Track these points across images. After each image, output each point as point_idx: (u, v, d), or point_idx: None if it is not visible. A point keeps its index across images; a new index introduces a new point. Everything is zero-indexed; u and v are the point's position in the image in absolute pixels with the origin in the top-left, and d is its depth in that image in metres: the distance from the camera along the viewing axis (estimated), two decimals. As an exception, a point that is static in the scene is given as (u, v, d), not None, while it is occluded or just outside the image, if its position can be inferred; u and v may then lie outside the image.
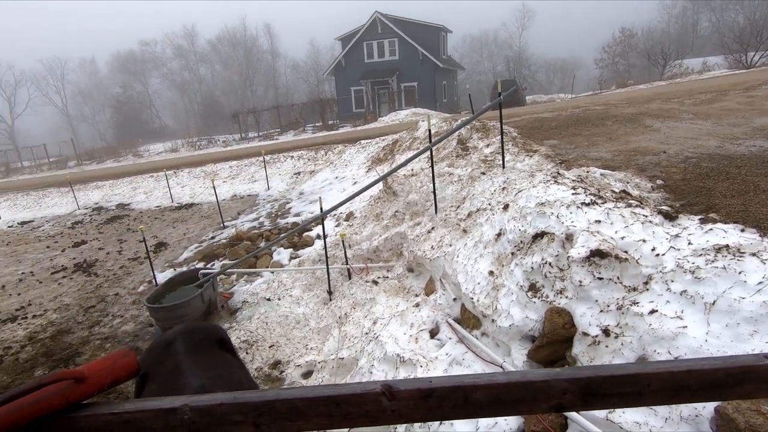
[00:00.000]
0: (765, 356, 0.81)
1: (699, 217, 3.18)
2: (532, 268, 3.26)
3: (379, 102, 30.75)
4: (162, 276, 6.99)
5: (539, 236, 3.41)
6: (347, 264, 5.64)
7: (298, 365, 4.39)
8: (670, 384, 0.82)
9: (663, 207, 3.58)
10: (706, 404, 2.01)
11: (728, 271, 2.39)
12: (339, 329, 4.69)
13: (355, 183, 10.16)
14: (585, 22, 69.30)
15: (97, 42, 67.74)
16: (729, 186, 3.90)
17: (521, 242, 3.60)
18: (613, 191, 3.97)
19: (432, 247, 4.81)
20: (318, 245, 6.85)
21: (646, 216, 3.19)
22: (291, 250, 7.06)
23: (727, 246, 2.59)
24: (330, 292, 5.44)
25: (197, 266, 7.09)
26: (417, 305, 4.35)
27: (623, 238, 2.97)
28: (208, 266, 7.15)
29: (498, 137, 5.84)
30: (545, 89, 47.72)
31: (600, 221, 3.16)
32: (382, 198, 6.91)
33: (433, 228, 5.18)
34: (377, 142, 13.09)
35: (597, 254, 2.85)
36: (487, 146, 6.68)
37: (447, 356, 3.47)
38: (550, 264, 3.14)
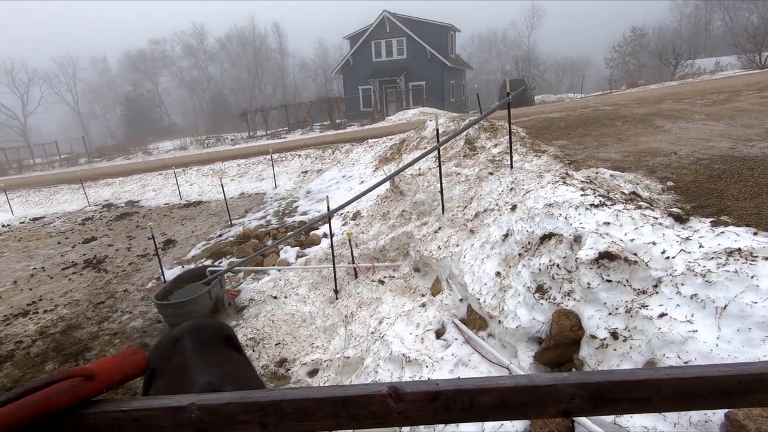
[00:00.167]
0: (778, 364, 0.80)
1: (710, 220, 3.13)
2: (540, 270, 3.24)
3: (387, 101, 30.73)
4: (170, 273, 7.05)
5: (547, 237, 3.38)
6: (354, 263, 5.64)
7: (304, 363, 4.41)
8: (680, 390, 0.81)
9: (673, 209, 3.54)
10: (717, 410, 1.99)
11: (740, 275, 2.35)
12: (345, 328, 4.70)
13: (362, 182, 10.16)
14: (595, 22, 68.66)
15: (109, 41, 68.69)
16: (741, 188, 3.84)
17: (529, 243, 3.58)
18: (623, 193, 3.93)
19: (439, 247, 4.80)
20: (325, 244, 6.87)
21: (656, 218, 3.15)
22: (298, 249, 7.09)
23: (739, 249, 2.55)
24: (336, 291, 5.45)
25: (205, 264, 7.16)
26: (423, 305, 4.34)
27: (633, 241, 2.93)
28: (216, 264, 7.21)
29: (506, 137, 5.81)
30: (554, 89, 47.39)
31: (609, 223, 3.13)
32: (389, 197, 6.91)
33: (440, 228, 5.17)
34: (384, 142, 13.09)
35: (606, 256, 2.82)
36: (495, 146, 6.64)
37: (453, 357, 3.46)
38: (558, 265, 3.12)
